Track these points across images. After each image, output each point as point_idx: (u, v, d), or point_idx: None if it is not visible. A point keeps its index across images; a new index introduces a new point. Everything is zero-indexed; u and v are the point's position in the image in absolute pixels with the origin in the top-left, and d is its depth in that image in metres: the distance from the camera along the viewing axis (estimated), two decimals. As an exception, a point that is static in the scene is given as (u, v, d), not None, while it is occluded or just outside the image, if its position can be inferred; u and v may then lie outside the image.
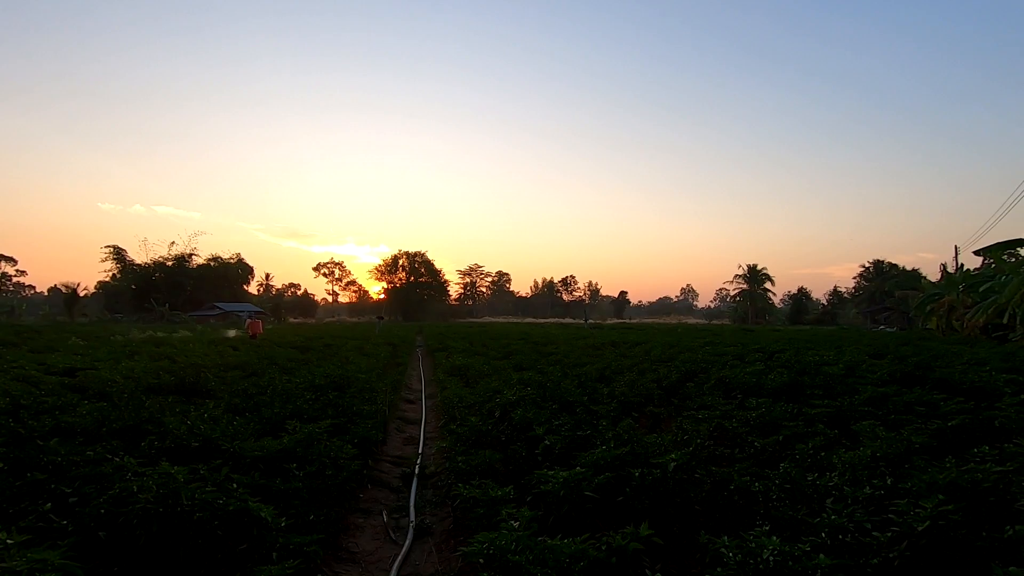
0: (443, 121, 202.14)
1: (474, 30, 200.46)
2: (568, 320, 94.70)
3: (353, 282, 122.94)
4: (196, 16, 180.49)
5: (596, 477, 4.42)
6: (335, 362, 15.18)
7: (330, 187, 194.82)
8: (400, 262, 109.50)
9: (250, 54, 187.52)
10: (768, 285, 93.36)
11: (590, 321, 67.67)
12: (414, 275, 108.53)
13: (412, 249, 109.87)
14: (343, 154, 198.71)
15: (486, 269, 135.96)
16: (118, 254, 76.06)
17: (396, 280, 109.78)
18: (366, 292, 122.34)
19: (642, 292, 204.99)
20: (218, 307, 70.55)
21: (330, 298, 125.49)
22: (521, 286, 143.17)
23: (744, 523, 3.72)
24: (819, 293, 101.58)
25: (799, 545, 3.03)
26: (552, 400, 8.17)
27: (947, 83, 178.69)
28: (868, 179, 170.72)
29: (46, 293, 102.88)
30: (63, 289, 73.26)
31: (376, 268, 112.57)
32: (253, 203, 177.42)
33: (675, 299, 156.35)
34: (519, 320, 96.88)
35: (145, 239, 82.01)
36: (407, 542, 5.08)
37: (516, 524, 3.51)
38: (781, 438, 6.01)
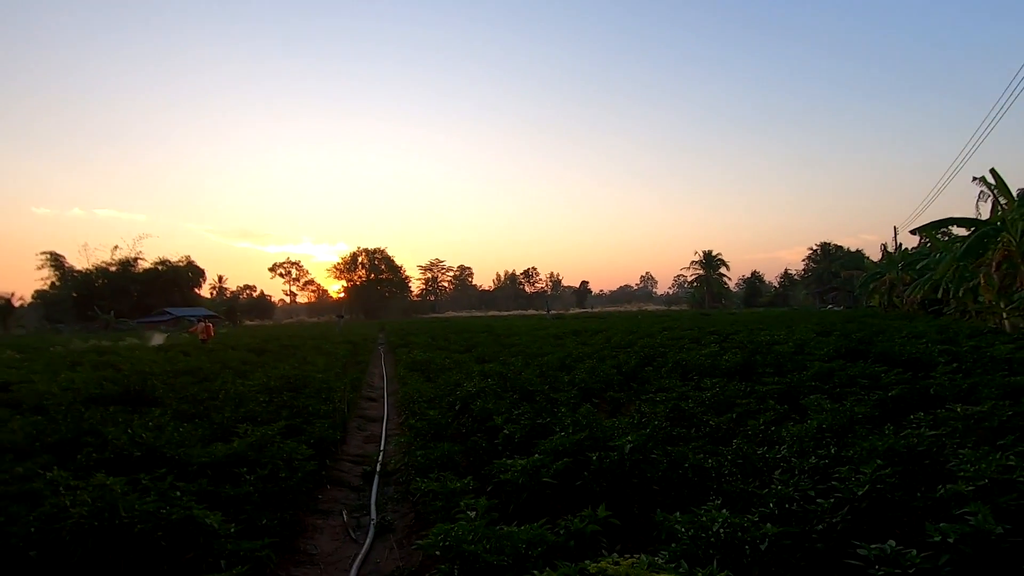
0: (401, 116, 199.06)
1: (424, 22, 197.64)
2: (531, 312, 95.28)
3: (311, 282, 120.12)
4: (136, 8, 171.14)
5: (555, 463, 4.43)
6: (291, 363, 14.79)
7: (283, 185, 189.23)
8: (360, 259, 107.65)
9: (193, 44, 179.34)
10: (724, 270, 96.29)
11: (552, 312, 68.21)
12: (374, 272, 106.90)
13: (372, 246, 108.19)
14: (297, 151, 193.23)
15: (448, 264, 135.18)
16: (56, 261, 71.77)
17: (356, 278, 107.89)
18: (325, 291, 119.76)
19: (603, 281, 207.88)
20: (168, 312, 67.72)
21: (288, 299, 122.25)
22: (483, 280, 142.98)
23: (698, 499, 3.79)
24: (771, 276, 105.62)
25: (748, 516, 3.11)
26: (513, 390, 8.18)
27: (881, 72, 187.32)
28: (815, 164, 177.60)
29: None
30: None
31: (335, 266, 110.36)
32: (202, 203, 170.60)
33: (635, 287, 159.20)
34: (482, 314, 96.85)
35: (86, 244, 77.84)
36: (367, 540, 4.99)
37: (473, 514, 3.49)
38: (734, 415, 6.18)
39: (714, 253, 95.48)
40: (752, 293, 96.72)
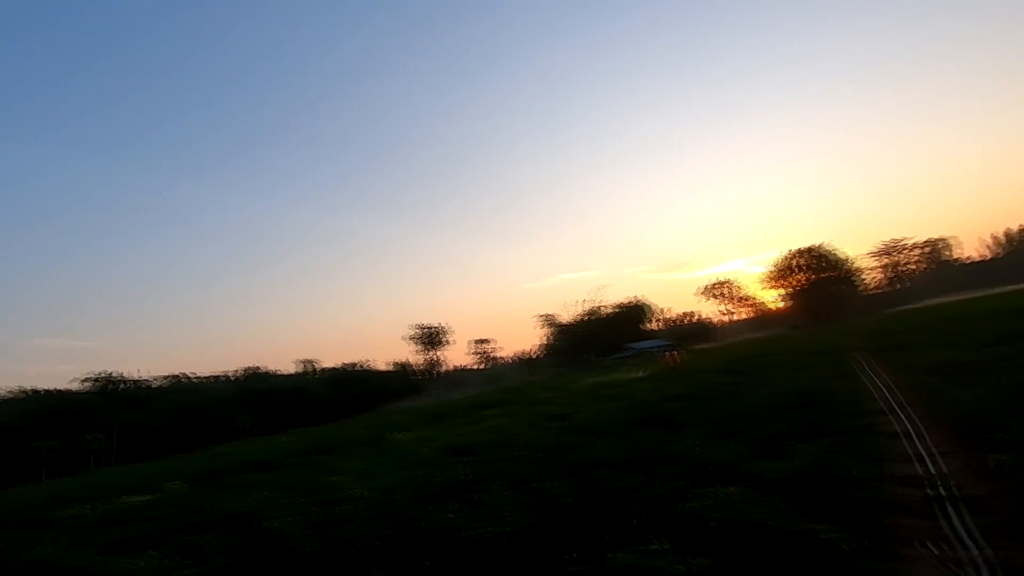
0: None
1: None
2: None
3: (746, 297, 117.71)
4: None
5: None
6: (777, 380, 14.60)
7: (701, 214, 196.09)
8: (794, 263, 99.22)
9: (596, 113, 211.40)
10: None
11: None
12: (814, 272, 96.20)
13: (804, 246, 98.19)
14: (707, 182, 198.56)
15: (912, 240, 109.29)
16: (549, 320, 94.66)
17: (794, 283, 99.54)
18: (762, 304, 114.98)
19: None
20: (631, 347, 78.28)
21: (726, 318, 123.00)
22: (970, 249, 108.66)
23: None
24: None
25: None
26: None
27: None
28: None
29: (510, 360, 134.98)
30: (522, 356, 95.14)
31: (767, 275, 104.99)
32: (632, 249, 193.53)
33: None
34: (983, 294, 73.01)
35: (564, 303, 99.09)
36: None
37: None
38: None
39: None
40: None
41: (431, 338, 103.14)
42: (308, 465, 15.50)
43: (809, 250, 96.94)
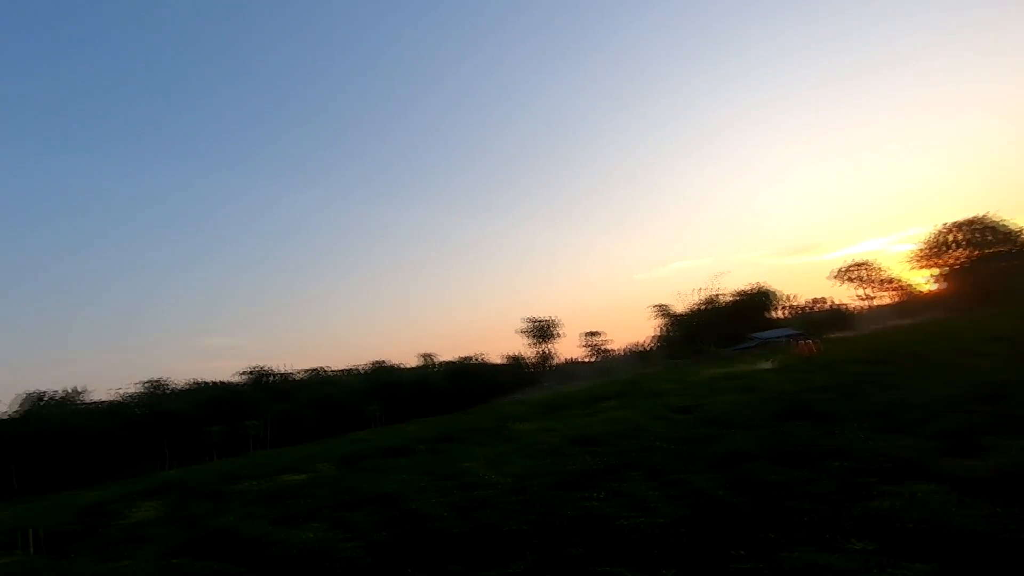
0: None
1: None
2: None
3: (889, 279, 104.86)
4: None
5: None
6: (944, 370, 12.75)
7: (824, 190, 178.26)
8: (950, 238, 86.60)
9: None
10: None
11: None
12: (978, 248, 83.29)
13: (962, 218, 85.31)
14: (832, 153, 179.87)
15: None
16: (663, 310, 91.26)
17: (951, 261, 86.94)
18: (911, 287, 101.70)
19: None
20: (755, 337, 73.19)
21: (864, 304, 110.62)
22: None
23: None
24: None
25: None
26: None
27: None
28: None
29: (621, 352, 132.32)
30: (635, 349, 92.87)
31: (916, 254, 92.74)
32: (749, 233, 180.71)
33: None
34: None
35: (678, 292, 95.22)
36: None
37: None
38: None
39: None
40: None
41: (542, 331, 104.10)
42: (436, 452, 16.24)
43: (970, 222, 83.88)
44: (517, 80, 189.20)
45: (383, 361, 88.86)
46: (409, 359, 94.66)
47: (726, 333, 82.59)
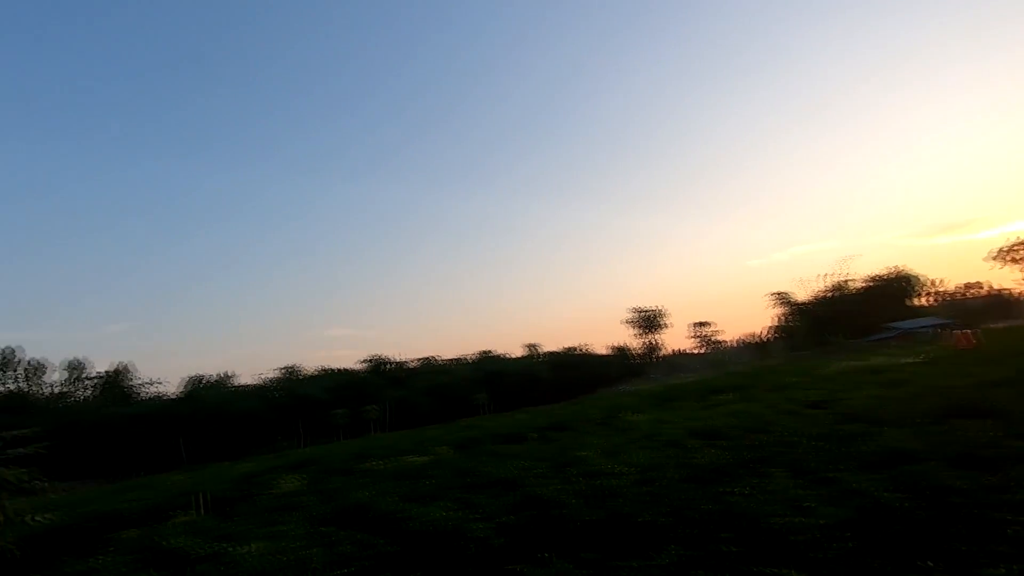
0: None
1: None
2: None
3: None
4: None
5: None
6: None
7: (975, 155, 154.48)
8: None
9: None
10: None
11: None
12: None
13: None
14: (982, 113, 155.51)
15: None
16: (783, 298, 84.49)
17: None
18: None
19: None
20: (893, 327, 65.58)
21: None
22: None
23: None
24: None
25: None
26: None
27: None
28: None
29: (733, 344, 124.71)
30: (749, 340, 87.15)
31: (1106, 229, 77.49)
32: (880, 211, 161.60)
33: None
34: None
35: (800, 279, 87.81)
36: None
37: None
38: None
39: None
40: None
41: (649, 321, 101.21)
42: (548, 440, 16.31)
43: None
44: (613, 56, 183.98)
45: (489, 351, 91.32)
46: (514, 349, 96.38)
47: (857, 323, 74.92)
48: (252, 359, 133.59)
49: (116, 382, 64.88)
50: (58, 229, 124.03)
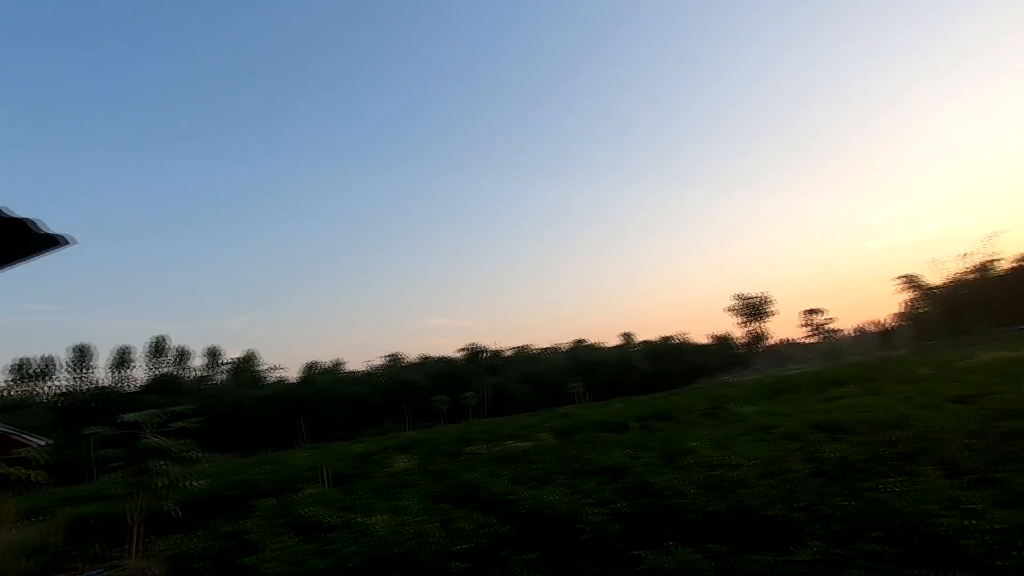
0: None
1: None
2: None
3: None
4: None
5: None
6: None
7: None
8: None
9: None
10: None
11: None
12: None
13: None
14: None
15: None
16: (912, 282, 75.87)
17: None
18: None
19: None
20: (1052, 314, 56.76)
21: None
22: None
23: None
24: None
25: None
26: None
27: None
28: None
29: (849, 333, 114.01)
30: (869, 329, 79.35)
31: None
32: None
33: None
34: None
35: (934, 260, 78.46)
36: None
37: None
38: None
39: None
40: None
41: (753, 309, 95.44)
42: (650, 430, 15.93)
43: None
44: (718, 24, 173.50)
45: (583, 340, 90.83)
46: (609, 338, 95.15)
47: (1005, 309, 65.69)
48: (359, 347, 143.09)
49: (245, 367, 72.31)
50: (190, 230, 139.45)
